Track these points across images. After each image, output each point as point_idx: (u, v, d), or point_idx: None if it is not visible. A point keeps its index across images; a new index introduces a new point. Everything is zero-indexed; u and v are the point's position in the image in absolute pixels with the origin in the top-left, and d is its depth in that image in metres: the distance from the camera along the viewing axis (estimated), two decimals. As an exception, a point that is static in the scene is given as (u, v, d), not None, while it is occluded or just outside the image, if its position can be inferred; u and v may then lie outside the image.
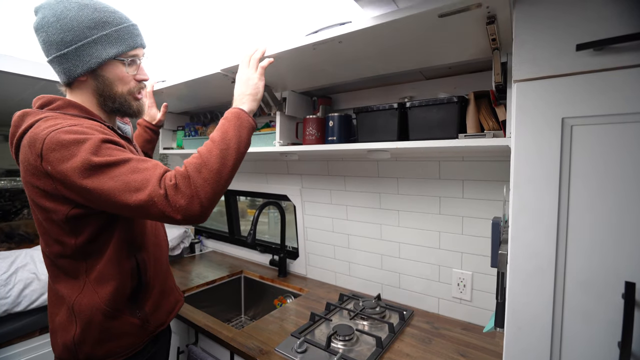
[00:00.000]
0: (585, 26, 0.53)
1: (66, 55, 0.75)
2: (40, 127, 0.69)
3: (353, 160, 1.50)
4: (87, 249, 0.78)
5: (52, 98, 0.79)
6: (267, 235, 2.11)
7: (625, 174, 0.50)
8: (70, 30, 0.74)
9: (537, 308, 0.57)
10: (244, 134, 0.78)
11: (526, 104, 0.57)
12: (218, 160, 0.72)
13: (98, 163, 0.66)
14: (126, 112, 0.87)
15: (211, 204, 0.71)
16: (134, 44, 0.81)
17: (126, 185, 0.66)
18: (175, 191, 0.67)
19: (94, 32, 0.75)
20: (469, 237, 1.22)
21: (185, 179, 0.69)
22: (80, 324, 0.78)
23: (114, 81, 0.81)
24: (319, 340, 1.09)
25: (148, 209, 0.66)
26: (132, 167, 0.68)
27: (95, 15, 0.76)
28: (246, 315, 1.83)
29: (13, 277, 1.45)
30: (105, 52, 0.77)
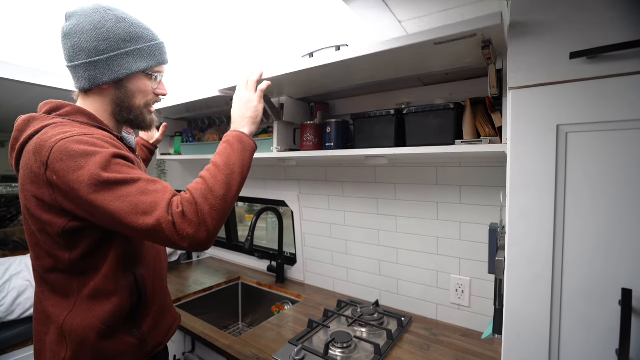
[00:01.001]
0: (578, 35, 0.54)
1: (96, 63, 0.76)
2: (49, 134, 0.67)
3: (351, 166, 1.50)
4: (81, 265, 0.74)
5: (61, 104, 0.77)
6: (264, 241, 2.11)
7: (620, 180, 0.50)
8: (105, 40, 0.75)
9: (535, 314, 0.57)
10: (247, 157, 0.79)
11: (521, 111, 0.58)
12: (223, 186, 0.72)
13: (107, 179, 0.64)
14: (139, 124, 0.87)
15: (217, 230, 0.71)
16: (161, 60, 0.84)
17: (134, 207, 0.64)
18: (183, 219, 0.66)
19: (128, 45, 0.77)
20: (466, 243, 1.22)
21: (192, 205, 0.68)
22: (72, 346, 0.73)
23: (135, 93, 0.82)
24: (317, 347, 1.08)
25: (155, 234, 0.65)
26: (142, 188, 0.66)
27: (131, 30, 0.78)
28: (244, 322, 1.82)
29: (7, 285, 1.43)
30: (136, 65, 0.79)
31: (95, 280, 0.75)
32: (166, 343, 0.92)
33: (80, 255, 0.73)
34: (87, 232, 0.72)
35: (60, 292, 0.75)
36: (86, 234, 0.72)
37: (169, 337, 0.93)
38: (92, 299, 0.75)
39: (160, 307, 0.90)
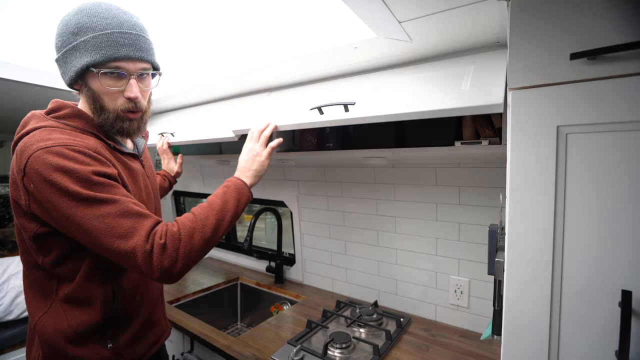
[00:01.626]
0: (579, 35, 0.54)
1: (58, 61, 0.72)
2: (33, 139, 0.64)
3: (350, 166, 1.50)
4: (56, 270, 0.72)
5: (62, 104, 0.74)
6: (263, 242, 2.10)
7: (621, 181, 0.50)
8: (60, 35, 0.70)
9: (534, 315, 0.57)
10: (241, 207, 0.80)
11: (521, 112, 0.58)
12: (212, 230, 0.72)
13: (86, 196, 0.62)
14: (119, 131, 0.76)
15: (190, 268, 0.70)
16: (111, 54, 0.68)
17: (111, 229, 0.62)
18: (162, 251, 0.65)
19: (77, 38, 0.68)
20: (465, 244, 1.22)
21: (175, 241, 0.67)
22: (43, 347, 0.73)
23: (100, 94, 0.72)
24: (315, 348, 1.08)
25: (127, 260, 0.64)
26: (121, 210, 0.64)
27: (82, 20, 0.68)
28: (242, 322, 1.82)
29: (5, 285, 1.43)
30: (81, 60, 0.68)
31: (70, 286, 0.73)
32: (148, 357, 0.88)
33: (52, 261, 0.71)
34: (58, 239, 0.70)
35: (40, 290, 0.75)
36: (57, 241, 0.70)
37: (152, 351, 0.88)
38: (68, 304, 0.73)
39: (145, 320, 0.86)
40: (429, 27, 0.79)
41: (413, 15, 0.74)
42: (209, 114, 1.59)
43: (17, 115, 0.75)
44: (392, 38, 0.85)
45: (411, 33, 0.82)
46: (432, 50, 0.93)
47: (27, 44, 1.29)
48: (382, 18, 0.75)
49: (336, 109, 0.94)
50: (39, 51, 1.29)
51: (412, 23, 0.77)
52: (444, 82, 0.85)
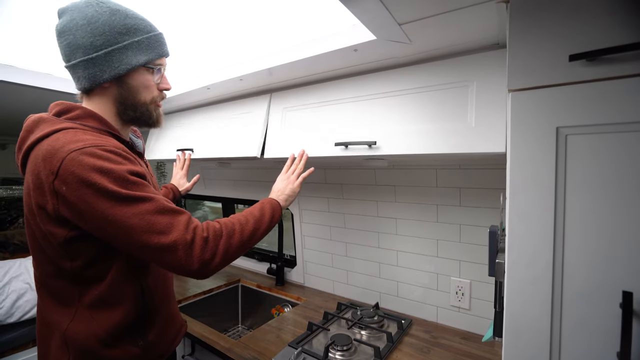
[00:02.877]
0: (577, 37, 0.54)
1: (94, 60, 0.72)
2: (60, 141, 0.65)
3: (350, 168, 1.50)
4: (85, 273, 0.72)
5: (71, 106, 0.74)
6: (264, 244, 2.10)
7: (621, 182, 0.50)
8: (101, 35, 0.71)
9: (536, 317, 0.57)
10: (274, 222, 0.89)
11: (521, 114, 0.58)
12: (249, 234, 0.78)
13: (125, 195, 0.64)
14: (146, 122, 0.83)
15: (224, 266, 0.74)
16: (161, 52, 0.81)
17: (150, 225, 0.64)
18: (205, 244, 0.69)
19: (125, 38, 0.74)
20: (466, 245, 1.22)
21: (217, 236, 0.72)
22: (74, 353, 0.72)
23: (138, 89, 0.78)
24: (316, 350, 1.08)
25: (166, 254, 0.65)
26: (158, 207, 0.67)
27: (127, 22, 0.74)
28: (243, 324, 1.81)
29: (6, 288, 1.43)
30: (136, 59, 0.75)
31: (99, 289, 0.73)
32: (171, 352, 0.90)
33: (82, 265, 0.71)
34: (88, 242, 0.70)
35: (61, 299, 0.74)
36: (88, 244, 0.70)
37: (174, 346, 0.91)
38: (95, 308, 0.73)
39: (166, 316, 0.88)
40: (428, 29, 0.80)
41: (412, 18, 0.74)
42: (212, 117, 1.60)
43: (17, 118, 0.74)
44: (391, 40, 0.86)
45: (411, 35, 0.83)
46: (431, 52, 0.94)
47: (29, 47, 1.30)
48: (381, 20, 0.75)
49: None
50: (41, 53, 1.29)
51: (411, 25, 0.77)
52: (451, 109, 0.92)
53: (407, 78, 0.99)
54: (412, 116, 0.97)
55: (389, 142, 1.00)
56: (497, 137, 0.83)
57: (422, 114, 0.96)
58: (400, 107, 1.00)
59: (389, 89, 1.02)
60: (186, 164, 1.40)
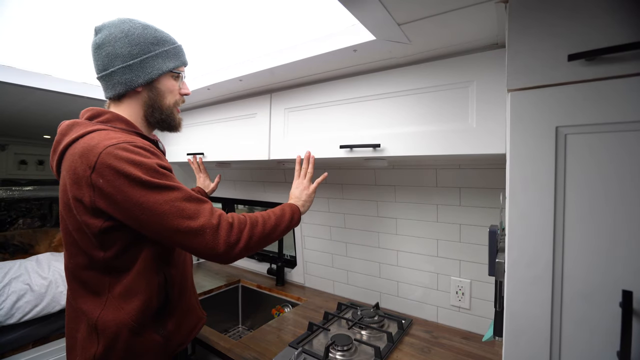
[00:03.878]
0: (576, 37, 0.54)
1: (131, 66, 0.82)
2: (95, 139, 0.72)
3: (350, 168, 1.50)
4: (115, 263, 0.77)
5: (101, 111, 0.83)
6: (264, 244, 2.10)
7: (620, 181, 0.50)
8: (137, 45, 0.82)
9: (536, 317, 0.57)
10: (293, 223, 0.96)
11: (520, 113, 0.58)
12: (270, 228, 0.87)
13: (157, 184, 0.71)
14: (170, 124, 0.92)
15: (246, 254, 0.80)
16: (184, 60, 0.92)
17: (180, 211, 0.71)
18: (230, 228, 0.77)
19: (156, 48, 0.85)
20: (466, 245, 1.22)
21: (242, 223, 0.80)
22: (104, 341, 0.76)
23: (165, 93, 0.88)
24: (317, 350, 1.08)
25: (195, 236, 0.72)
26: (185, 195, 0.74)
27: (157, 34, 0.86)
28: (244, 325, 1.81)
29: (6, 289, 1.43)
30: (165, 65, 0.86)
31: (127, 278, 0.78)
32: (188, 343, 0.95)
33: (114, 254, 0.76)
34: (121, 232, 0.76)
35: (92, 289, 0.79)
36: (120, 234, 0.76)
37: (191, 337, 0.95)
38: (123, 297, 0.78)
39: (185, 307, 0.93)
40: (427, 29, 0.80)
41: (412, 18, 0.75)
42: (215, 117, 1.60)
43: (20, 119, 0.75)
44: (391, 40, 0.86)
45: (410, 35, 0.83)
46: (431, 52, 0.94)
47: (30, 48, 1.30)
48: (381, 20, 0.76)
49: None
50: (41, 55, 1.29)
51: (410, 25, 0.78)
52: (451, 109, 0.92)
53: (408, 79, 0.99)
54: (414, 117, 0.98)
55: (392, 143, 1.01)
56: (498, 137, 0.84)
57: (424, 115, 0.96)
58: (402, 108, 1.00)
59: (390, 89, 1.03)
60: (201, 166, 1.52)
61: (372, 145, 1.02)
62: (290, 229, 0.95)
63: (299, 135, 1.25)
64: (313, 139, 1.20)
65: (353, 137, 1.10)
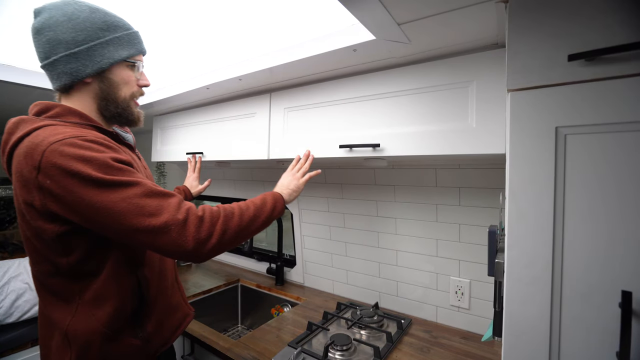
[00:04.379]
0: (576, 37, 0.54)
1: (76, 54, 0.73)
2: (40, 137, 0.64)
3: (350, 168, 1.50)
4: (80, 269, 0.71)
5: (50, 105, 0.74)
6: (264, 244, 2.10)
7: (619, 181, 0.50)
8: (82, 30, 0.73)
9: (535, 316, 0.57)
10: (275, 213, 0.89)
11: (520, 113, 0.58)
12: (248, 221, 0.78)
13: (110, 181, 0.63)
14: (127, 118, 0.84)
15: (220, 250, 0.73)
16: (140, 49, 0.83)
17: (140, 208, 0.64)
18: (200, 222, 0.69)
19: (106, 34, 0.76)
20: (466, 245, 1.22)
21: (214, 216, 0.72)
22: (76, 350, 0.72)
23: (119, 84, 0.79)
24: (316, 350, 1.08)
25: (159, 235, 0.65)
26: (146, 190, 0.66)
27: (107, 19, 0.76)
28: (243, 324, 1.81)
29: (5, 288, 1.43)
30: (118, 54, 0.77)
31: (97, 283, 0.73)
32: (173, 341, 0.91)
33: (77, 260, 0.70)
34: (80, 236, 0.69)
35: (61, 297, 0.73)
36: (80, 238, 0.70)
37: (176, 335, 0.92)
38: (94, 303, 0.73)
39: (165, 306, 0.89)
40: (427, 29, 0.80)
41: (412, 17, 0.74)
42: (215, 117, 1.60)
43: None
44: (391, 40, 0.86)
45: (410, 35, 0.83)
46: (431, 52, 0.94)
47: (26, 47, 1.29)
48: (380, 20, 0.75)
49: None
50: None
51: (410, 25, 0.78)
52: (451, 109, 0.92)
53: (407, 78, 0.99)
54: (414, 117, 0.98)
55: (392, 143, 1.01)
56: (498, 137, 0.84)
57: (424, 115, 0.96)
58: (402, 108, 1.00)
59: (390, 89, 1.02)
60: (197, 166, 1.46)
61: (372, 145, 1.02)
62: (273, 220, 0.87)
63: (298, 134, 1.25)
64: (312, 138, 1.20)
65: (353, 136, 1.09)
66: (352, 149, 1.08)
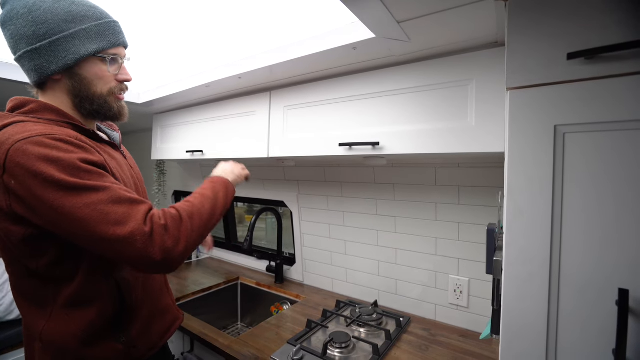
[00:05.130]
0: (576, 35, 0.54)
1: (38, 50, 0.67)
2: (6, 135, 0.60)
3: (350, 166, 1.50)
4: (53, 272, 0.68)
5: (25, 100, 0.70)
6: (264, 242, 2.11)
7: (618, 180, 0.51)
8: (43, 23, 0.67)
9: (533, 315, 0.57)
10: (229, 200, 0.83)
11: (519, 112, 0.58)
12: (208, 215, 0.73)
13: (74, 184, 0.59)
14: (106, 115, 0.78)
15: (188, 252, 0.68)
16: (115, 41, 0.75)
17: (104, 216, 0.59)
18: (165, 231, 0.64)
19: (71, 26, 0.69)
20: (465, 243, 1.22)
21: (176, 221, 0.66)
22: (52, 355, 0.69)
23: (92, 80, 0.73)
24: (315, 347, 1.08)
25: (124, 246, 0.60)
26: (113, 196, 0.61)
27: (72, 9, 0.69)
28: (243, 322, 1.82)
29: (6, 285, 1.43)
30: (84, 48, 0.70)
31: (72, 287, 0.69)
32: (161, 345, 0.87)
33: (48, 264, 0.67)
34: (49, 240, 0.66)
35: (35, 301, 0.70)
36: (49, 242, 0.66)
37: (165, 339, 0.88)
38: (70, 307, 0.69)
39: (152, 310, 0.85)
40: (427, 27, 0.80)
41: (412, 15, 0.74)
42: (214, 115, 1.60)
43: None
44: (390, 38, 0.86)
45: (410, 33, 0.83)
46: (431, 50, 0.94)
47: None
48: (380, 18, 0.75)
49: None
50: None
51: (410, 23, 0.78)
52: (450, 108, 0.92)
53: (407, 77, 0.99)
54: (413, 115, 0.98)
55: (392, 142, 1.01)
56: (497, 136, 0.84)
57: (423, 113, 0.96)
58: (401, 106, 1.00)
59: (390, 87, 1.03)
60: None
61: (371, 143, 1.02)
62: (227, 208, 0.81)
63: (298, 133, 1.25)
64: (312, 136, 1.20)
65: (352, 135, 1.10)
66: (351, 147, 1.08)
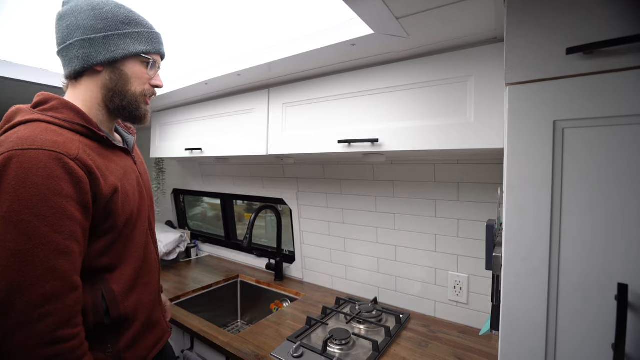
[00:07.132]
0: (575, 30, 0.54)
1: (91, 40, 0.73)
2: (13, 136, 0.62)
3: (349, 164, 1.50)
4: None
5: (49, 97, 0.72)
6: (263, 239, 2.11)
7: (617, 175, 0.51)
8: (103, 20, 0.74)
9: (532, 310, 0.57)
10: None
11: (518, 107, 0.58)
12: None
13: (19, 220, 0.58)
14: (132, 114, 0.82)
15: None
16: (159, 49, 0.83)
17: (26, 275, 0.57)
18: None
19: (126, 27, 0.77)
20: (464, 240, 1.22)
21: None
22: None
23: (130, 78, 0.79)
24: (315, 344, 1.09)
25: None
26: (49, 266, 0.60)
27: (130, 15, 0.78)
28: (242, 319, 1.82)
29: None
30: (134, 47, 0.77)
31: None
32: (150, 359, 0.85)
33: None
34: None
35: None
36: None
37: (153, 353, 0.86)
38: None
39: (144, 322, 0.83)
40: (426, 23, 0.80)
41: (410, 11, 0.74)
42: (213, 113, 1.60)
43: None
44: (389, 34, 0.85)
45: (408, 29, 0.82)
46: (429, 47, 0.93)
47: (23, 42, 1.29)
48: (379, 14, 0.75)
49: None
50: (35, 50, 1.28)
51: (409, 19, 0.77)
52: (449, 104, 0.92)
53: (406, 73, 0.99)
54: (412, 112, 0.98)
55: (391, 138, 1.01)
56: (496, 132, 0.84)
57: (422, 110, 0.96)
58: (400, 103, 1.00)
59: (388, 84, 1.02)
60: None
61: (371, 140, 1.02)
62: None
63: (297, 130, 1.25)
64: (311, 133, 1.20)
65: (351, 132, 1.09)
66: (350, 144, 1.08)
